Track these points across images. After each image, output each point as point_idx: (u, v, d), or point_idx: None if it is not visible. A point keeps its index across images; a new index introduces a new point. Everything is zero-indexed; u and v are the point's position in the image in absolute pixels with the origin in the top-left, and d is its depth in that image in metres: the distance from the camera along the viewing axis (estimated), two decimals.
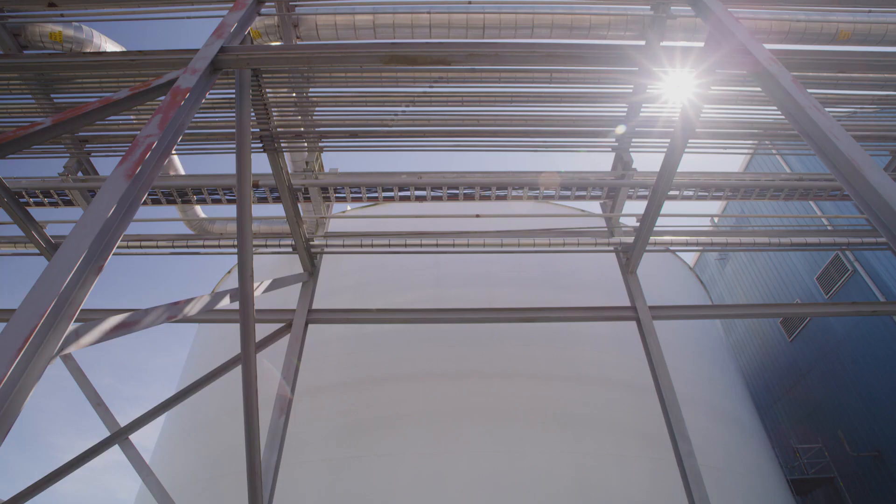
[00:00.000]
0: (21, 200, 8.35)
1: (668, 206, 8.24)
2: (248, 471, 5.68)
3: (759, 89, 6.65)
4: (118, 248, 9.00)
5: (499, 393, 8.79)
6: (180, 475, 9.65)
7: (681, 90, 6.27)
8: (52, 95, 7.14)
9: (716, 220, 20.41)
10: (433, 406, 8.65)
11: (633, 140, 7.78)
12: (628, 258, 8.48)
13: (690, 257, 24.76)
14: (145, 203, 8.76)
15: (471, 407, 8.61)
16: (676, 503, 6.96)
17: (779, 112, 6.98)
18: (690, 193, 8.62)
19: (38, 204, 8.54)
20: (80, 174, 8.46)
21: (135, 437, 7.81)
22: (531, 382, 8.97)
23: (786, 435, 18.24)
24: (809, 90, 5.51)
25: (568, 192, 8.52)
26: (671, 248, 9.03)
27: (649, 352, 7.45)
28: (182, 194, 8.65)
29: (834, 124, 3.84)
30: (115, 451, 7.66)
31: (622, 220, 9.60)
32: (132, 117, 7.62)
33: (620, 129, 7.62)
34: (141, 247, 9.12)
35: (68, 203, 8.63)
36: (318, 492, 7.99)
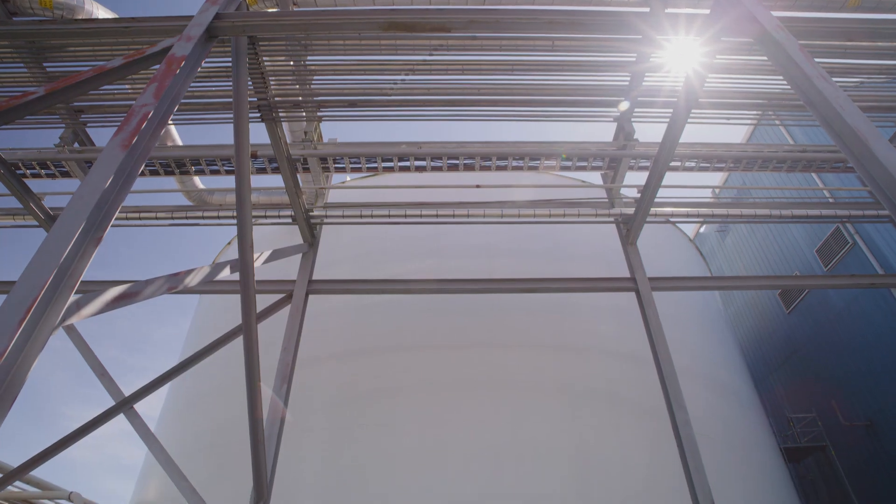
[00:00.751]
0: (18, 172, 8.29)
1: (670, 178, 8.20)
2: (251, 439, 5.78)
3: (765, 58, 6.53)
4: (117, 219, 8.98)
5: (499, 364, 8.88)
6: (185, 443, 9.83)
7: (685, 59, 6.15)
8: (45, 64, 7.01)
9: (717, 191, 20.30)
10: (434, 376, 8.75)
11: (636, 110, 7.68)
12: (628, 229, 8.47)
13: (691, 229, 24.72)
14: (143, 174, 8.71)
15: (471, 377, 8.71)
16: (673, 472, 7.10)
17: (784, 82, 6.88)
18: (692, 165, 8.55)
19: (35, 176, 8.47)
20: (76, 145, 8.38)
21: (140, 407, 7.93)
22: (531, 353, 9.05)
23: (780, 404, 18.51)
24: (817, 59, 5.41)
25: (569, 163, 8.45)
26: (671, 219, 9.01)
27: (648, 323, 7.50)
28: (180, 165, 8.58)
29: (840, 94, 3.78)
30: (121, 420, 7.79)
31: (623, 191, 9.54)
32: (127, 87, 7.51)
33: (624, 106, 7.53)
34: (140, 218, 9.10)
35: (66, 174, 8.57)
36: (320, 459, 8.14)
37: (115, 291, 4.02)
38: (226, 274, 5.97)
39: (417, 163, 8.38)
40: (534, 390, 8.67)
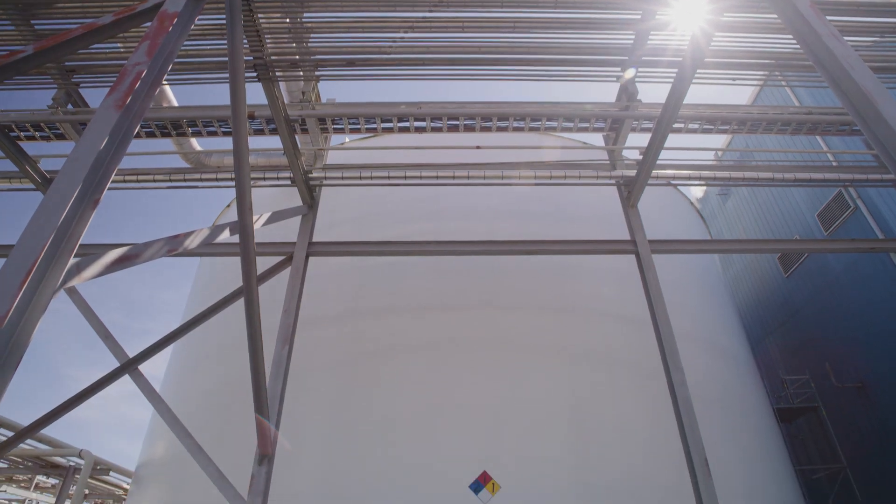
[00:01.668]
0: (12, 135, 8.18)
1: (672, 140, 8.09)
2: (254, 398, 5.90)
3: (774, 16, 6.35)
4: (115, 182, 8.92)
5: (498, 325, 8.98)
6: (190, 403, 10.03)
7: (691, 16, 5.99)
8: (33, 22, 6.82)
9: (720, 154, 20.09)
10: (433, 337, 8.85)
11: (640, 70, 7.51)
12: (629, 192, 8.42)
13: (692, 192, 24.59)
14: (139, 136, 8.60)
15: (470, 338, 8.81)
16: (668, 432, 7.27)
17: (793, 41, 6.70)
18: (696, 126, 8.42)
19: (29, 138, 8.36)
20: (69, 107, 8.24)
21: (145, 368, 8.06)
22: (530, 314, 9.14)
23: (775, 366, 18.81)
24: (828, 17, 5.25)
25: (570, 124, 8.33)
26: (673, 181, 8.94)
27: (647, 285, 7.54)
28: (176, 126, 8.46)
29: (851, 53, 3.69)
30: (127, 382, 7.91)
31: (624, 153, 9.44)
32: (120, 46, 7.32)
33: (630, 73, 7.38)
34: (138, 181, 9.03)
35: (60, 137, 8.46)
36: (323, 419, 8.33)
37: (114, 254, 4.02)
38: (225, 236, 5.96)
39: (417, 123, 8.26)
40: (533, 352, 8.79)
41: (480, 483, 7.36)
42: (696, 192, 24.70)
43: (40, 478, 24.78)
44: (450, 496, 7.30)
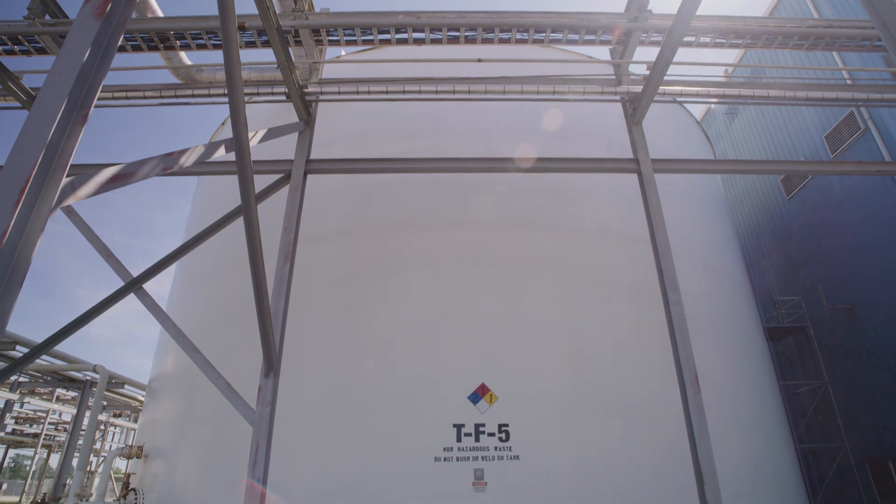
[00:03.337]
0: None
1: (682, 55, 7.78)
2: (258, 315, 6.03)
3: None
4: (104, 99, 8.65)
5: (498, 242, 9.04)
6: (196, 320, 10.31)
7: None
8: None
9: (729, 70, 19.31)
10: (433, 255, 8.94)
11: None
12: (635, 108, 8.17)
13: (698, 111, 23.91)
14: (124, 49, 8.23)
15: (471, 256, 8.90)
16: (660, 347, 7.51)
17: None
18: (707, 40, 8.04)
19: (7, 52, 8.01)
20: (47, 17, 7.81)
21: (150, 288, 8.19)
22: (530, 233, 9.17)
23: (769, 287, 19.17)
24: None
25: (576, 37, 7.94)
26: (679, 98, 8.66)
27: (648, 204, 7.51)
28: (164, 39, 8.08)
29: None
30: (135, 302, 8.07)
31: (631, 68, 9.08)
32: None
33: None
34: (127, 97, 8.74)
35: (42, 51, 8.10)
36: (325, 334, 8.58)
37: (109, 172, 3.97)
38: (221, 154, 5.85)
39: (416, 35, 7.87)
40: (531, 268, 8.90)
41: (479, 394, 7.72)
42: (702, 110, 24.02)
43: (60, 391, 26.09)
44: (449, 407, 7.67)
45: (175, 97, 8.71)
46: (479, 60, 8.45)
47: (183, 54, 10.52)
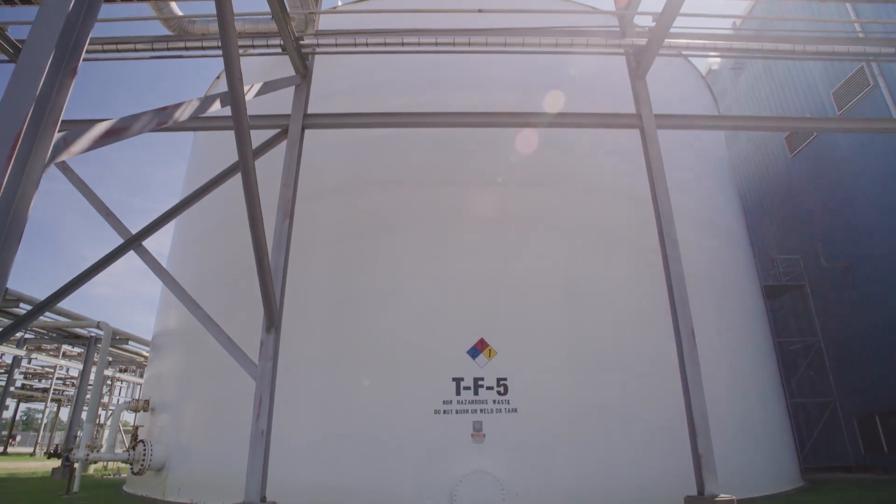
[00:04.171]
0: None
1: (689, 5, 7.51)
2: (258, 271, 6.05)
3: None
4: (93, 52, 8.42)
5: (498, 198, 8.99)
6: (197, 276, 10.35)
7: None
8: None
9: (738, 23, 18.74)
10: (433, 210, 8.90)
11: None
12: (639, 62, 7.98)
13: (703, 67, 23.35)
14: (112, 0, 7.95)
15: (470, 211, 8.87)
16: (658, 303, 7.57)
17: None
18: None
19: None
20: None
21: (151, 246, 8.20)
22: (531, 189, 9.10)
23: (768, 246, 19.18)
24: None
25: None
26: (685, 52, 8.44)
27: (650, 160, 7.43)
28: None
29: None
30: (136, 259, 8.07)
31: (636, 19, 8.80)
32: None
33: None
34: (118, 50, 8.51)
35: (27, 1, 7.82)
36: (326, 288, 8.64)
37: (102, 127, 3.90)
38: (216, 108, 5.74)
39: None
40: (531, 224, 8.89)
41: (478, 349, 7.85)
42: (707, 65, 23.44)
43: (66, 347, 26.53)
44: (448, 361, 7.81)
45: (167, 49, 8.49)
46: (480, 11, 8.20)
47: (174, 4, 10.16)
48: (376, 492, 7.19)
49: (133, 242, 7.74)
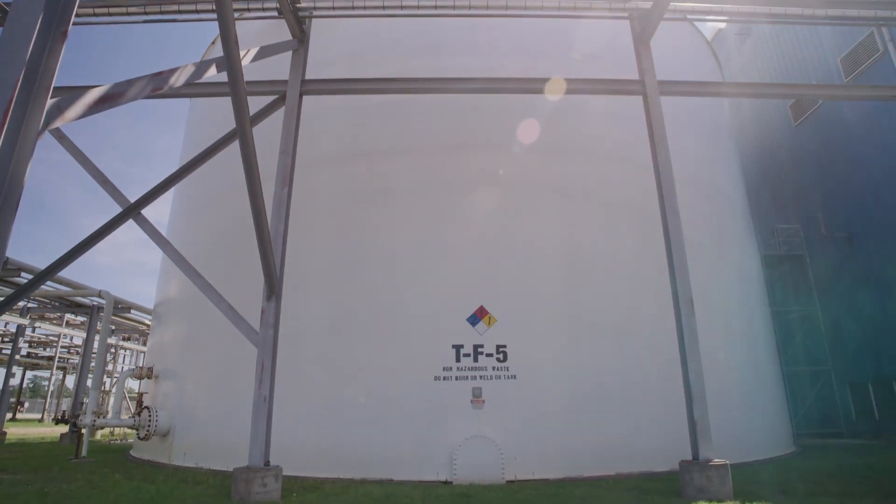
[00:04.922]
0: None
1: None
2: (257, 239, 6.05)
3: None
4: (84, 15, 8.24)
5: (498, 165, 8.91)
6: (197, 245, 10.33)
7: None
8: None
9: None
10: (433, 177, 8.83)
11: None
12: (643, 27, 7.81)
13: (709, 31, 22.83)
14: None
15: (469, 178, 8.80)
16: (657, 270, 7.58)
17: None
18: None
19: None
20: None
21: (151, 215, 8.15)
22: (531, 155, 9.01)
23: (769, 215, 19.09)
24: None
25: None
26: (690, 16, 8.24)
27: (652, 127, 7.35)
28: None
29: None
30: (136, 229, 8.04)
31: None
32: None
33: None
34: (109, 14, 8.32)
35: None
36: (326, 257, 8.64)
37: (96, 93, 3.85)
38: (212, 73, 5.65)
39: None
40: (531, 191, 8.83)
41: (477, 316, 7.90)
42: (713, 30, 22.93)
43: (69, 316, 26.71)
44: (448, 328, 7.87)
45: (160, 13, 8.29)
46: None
47: None
48: (378, 456, 7.34)
49: (132, 211, 7.72)
